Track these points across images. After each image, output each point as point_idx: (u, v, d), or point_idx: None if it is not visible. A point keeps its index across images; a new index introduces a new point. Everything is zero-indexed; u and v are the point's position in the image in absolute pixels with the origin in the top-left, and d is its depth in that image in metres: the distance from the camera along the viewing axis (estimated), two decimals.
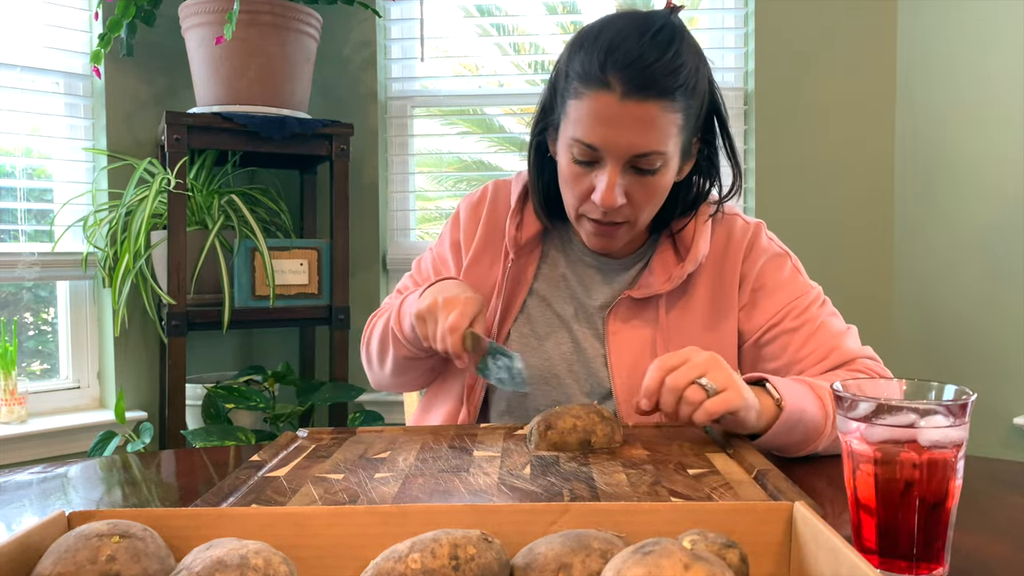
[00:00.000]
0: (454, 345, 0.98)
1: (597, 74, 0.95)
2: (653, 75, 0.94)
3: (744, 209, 2.38)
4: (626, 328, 1.10)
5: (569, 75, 1.00)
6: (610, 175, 0.98)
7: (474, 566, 0.47)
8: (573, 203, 1.05)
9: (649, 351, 1.08)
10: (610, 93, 0.95)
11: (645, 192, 1.01)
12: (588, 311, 1.14)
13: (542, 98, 1.10)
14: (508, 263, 1.14)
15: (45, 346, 2.25)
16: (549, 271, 1.17)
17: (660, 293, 1.09)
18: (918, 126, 2.26)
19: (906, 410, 0.58)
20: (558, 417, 0.89)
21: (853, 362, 1.05)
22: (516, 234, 1.14)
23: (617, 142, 0.96)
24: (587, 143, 0.98)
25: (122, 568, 0.48)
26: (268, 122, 1.99)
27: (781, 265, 1.12)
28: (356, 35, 2.41)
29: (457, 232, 1.21)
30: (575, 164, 1.01)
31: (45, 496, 0.85)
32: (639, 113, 0.95)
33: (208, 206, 2.08)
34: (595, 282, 1.15)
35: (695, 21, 2.50)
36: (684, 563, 0.42)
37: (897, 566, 0.59)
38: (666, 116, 0.96)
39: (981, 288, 2.08)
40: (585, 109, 0.97)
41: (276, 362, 2.34)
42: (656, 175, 1.00)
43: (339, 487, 0.76)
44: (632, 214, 1.03)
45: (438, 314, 1.00)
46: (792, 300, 1.09)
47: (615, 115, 0.95)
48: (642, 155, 0.97)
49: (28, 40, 2.09)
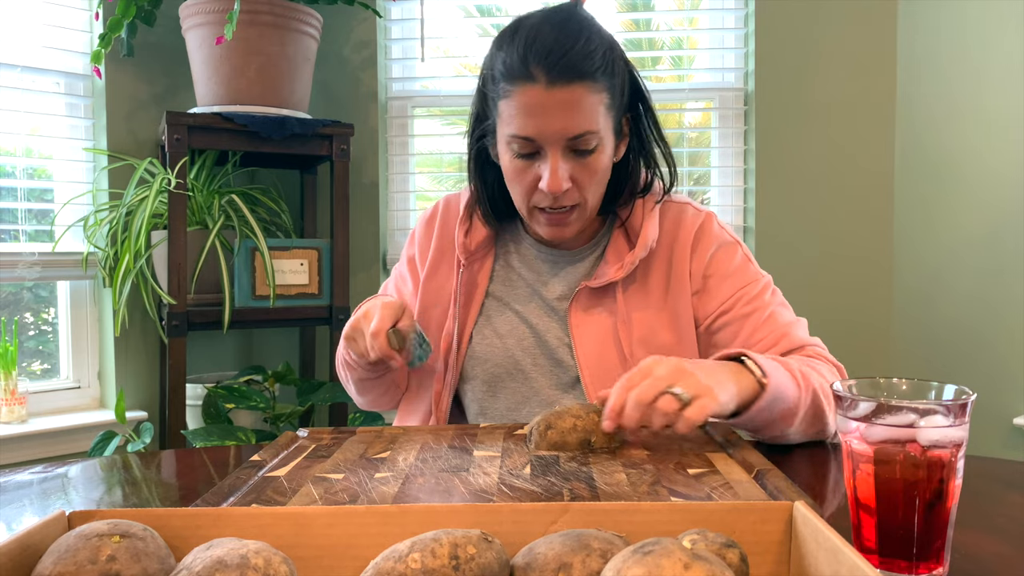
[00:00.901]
0: (381, 348, 1.03)
1: (520, 69, 1.00)
2: (572, 60, 0.99)
3: (744, 210, 2.38)
4: (588, 317, 1.13)
5: (495, 77, 1.05)
6: (552, 162, 1.02)
7: (474, 566, 0.47)
8: (522, 198, 1.08)
9: (611, 337, 1.11)
10: (535, 84, 0.99)
11: (587, 172, 1.05)
12: (547, 303, 1.17)
13: (474, 107, 1.14)
14: (460, 269, 1.18)
15: (45, 346, 2.25)
16: (503, 272, 1.20)
17: (615, 280, 1.12)
18: (918, 126, 2.26)
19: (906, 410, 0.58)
20: (558, 417, 0.89)
21: (803, 348, 1.08)
22: (465, 240, 1.18)
23: (551, 129, 1.01)
24: (524, 136, 1.02)
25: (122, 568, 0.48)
26: (268, 122, 1.99)
27: (732, 253, 1.14)
28: (356, 35, 2.41)
29: (412, 248, 1.26)
30: (517, 160, 1.05)
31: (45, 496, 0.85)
32: (566, 97, 0.99)
33: (208, 206, 2.08)
34: (550, 275, 1.18)
35: (695, 21, 2.50)
36: (684, 563, 0.42)
37: (897, 566, 0.59)
38: (592, 96, 1.01)
39: (981, 288, 2.08)
40: (515, 105, 1.02)
41: (276, 362, 2.34)
42: (594, 154, 1.04)
43: (339, 487, 0.76)
44: (580, 196, 1.07)
45: (362, 327, 1.06)
46: (742, 287, 1.12)
47: (544, 104, 1.00)
48: (577, 136, 1.01)
49: (28, 40, 2.09)
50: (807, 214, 2.33)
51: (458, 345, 1.16)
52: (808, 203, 2.34)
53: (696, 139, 2.56)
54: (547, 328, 1.15)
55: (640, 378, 0.88)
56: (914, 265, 2.28)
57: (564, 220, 1.08)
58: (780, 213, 2.33)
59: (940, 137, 2.20)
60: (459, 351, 1.17)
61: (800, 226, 2.33)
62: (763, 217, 2.32)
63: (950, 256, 2.17)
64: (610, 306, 1.13)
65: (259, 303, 2.04)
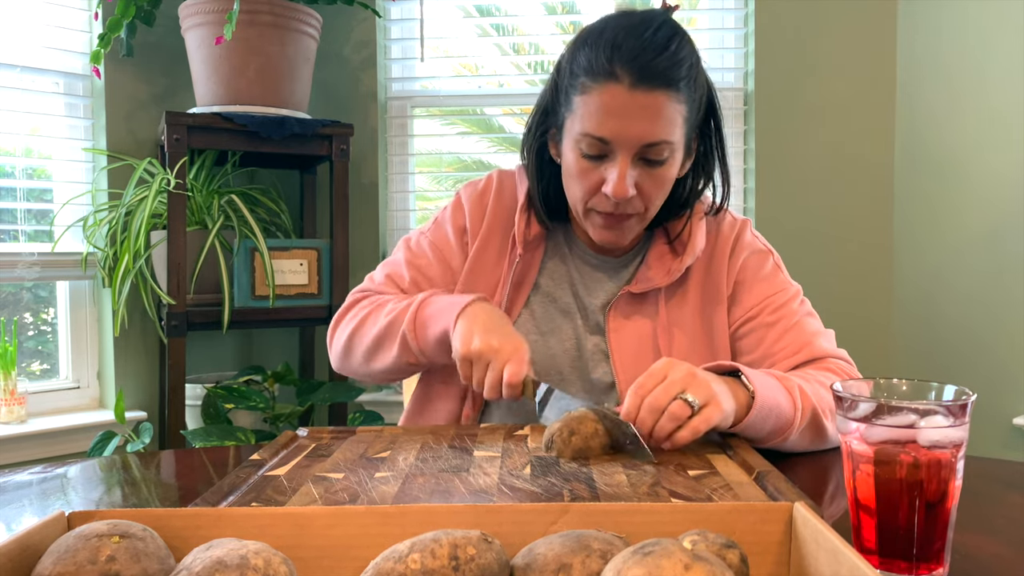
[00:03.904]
0: (512, 397, 0.97)
1: (605, 67, 0.97)
2: (659, 66, 0.96)
3: (744, 209, 2.38)
4: (626, 323, 1.11)
5: (574, 71, 1.01)
6: (621, 166, 0.99)
7: (474, 566, 0.47)
8: (581, 198, 1.05)
9: (650, 343, 1.10)
10: (618, 84, 0.97)
11: (654, 183, 1.03)
12: (588, 309, 1.15)
13: (542, 100, 1.11)
14: (516, 257, 1.14)
15: (45, 346, 2.25)
16: (553, 267, 1.18)
17: (659, 287, 1.10)
18: (918, 126, 2.26)
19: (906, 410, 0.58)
20: (580, 423, 0.86)
21: (824, 360, 1.06)
22: (526, 229, 1.14)
23: (628, 133, 0.98)
24: (597, 136, 0.99)
25: (122, 568, 0.48)
26: (268, 122, 1.99)
27: (763, 261, 1.14)
28: (356, 35, 2.41)
29: (462, 218, 1.20)
30: (584, 159, 1.02)
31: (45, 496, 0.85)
32: (648, 102, 0.97)
33: (208, 206, 2.07)
34: (595, 280, 1.16)
35: (694, 21, 2.50)
36: (684, 563, 0.42)
37: (897, 566, 0.59)
38: (672, 106, 0.99)
39: (981, 288, 2.08)
40: (594, 102, 0.98)
41: (276, 362, 2.34)
42: (664, 166, 1.02)
43: (339, 486, 0.76)
44: (641, 206, 1.04)
45: (491, 359, 0.97)
46: (770, 295, 1.11)
47: (625, 106, 0.97)
48: (652, 144, 0.99)
49: (28, 40, 2.09)
50: (807, 214, 2.33)
51: None
52: (808, 203, 2.34)
53: None
54: (584, 333, 1.14)
55: (653, 383, 0.87)
56: (914, 265, 2.28)
57: (620, 225, 1.06)
58: (780, 213, 2.33)
59: (940, 137, 2.20)
60: None
61: (800, 226, 2.33)
62: (763, 217, 2.32)
63: (950, 256, 2.17)
64: (651, 313, 1.11)
65: (259, 303, 2.04)
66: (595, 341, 1.13)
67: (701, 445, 0.91)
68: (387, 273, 1.22)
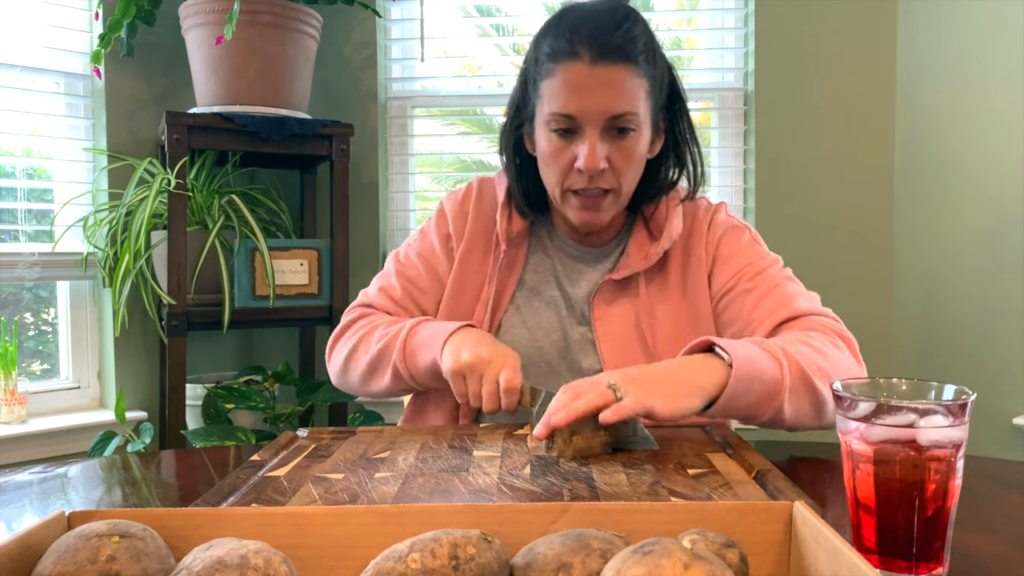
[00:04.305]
0: (511, 405, 0.99)
1: (566, 47, 1.03)
2: (616, 42, 1.02)
3: (744, 209, 2.38)
4: (610, 311, 1.14)
5: (539, 60, 1.07)
6: (590, 140, 1.04)
7: (474, 566, 0.47)
8: (557, 180, 1.09)
9: (634, 329, 1.13)
10: (580, 62, 1.02)
11: (623, 156, 1.06)
12: (573, 300, 1.17)
13: (513, 97, 1.16)
14: (500, 254, 1.18)
15: (45, 346, 2.25)
16: (537, 262, 1.21)
17: (638, 272, 1.13)
18: (918, 126, 2.26)
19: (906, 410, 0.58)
20: (580, 423, 0.86)
21: (805, 318, 1.06)
22: (508, 226, 1.18)
23: (593, 107, 1.03)
24: (565, 113, 1.04)
25: (122, 568, 0.48)
26: (268, 122, 1.99)
27: (739, 235, 1.17)
28: (356, 35, 2.41)
29: (446, 226, 1.24)
30: (556, 139, 1.06)
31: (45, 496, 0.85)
32: (609, 76, 1.02)
33: (208, 206, 2.07)
34: (578, 272, 1.19)
35: (694, 21, 2.50)
36: (684, 563, 0.42)
37: (897, 566, 0.59)
38: (633, 80, 1.03)
39: (981, 288, 2.08)
40: (559, 82, 1.04)
41: (276, 362, 2.34)
42: (631, 138, 1.06)
43: (339, 487, 0.76)
44: (615, 180, 1.07)
45: (483, 372, 1.01)
46: (746, 264, 1.13)
47: (587, 81, 1.02)
48: (617, 116, 1.03)
49: (28, 40, 2.09)
50: (807, 214, 2.33)
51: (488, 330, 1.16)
52: (808, 203, 2.34)
53: None
54: (571, 324, 1.16)
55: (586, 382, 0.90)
56: (914, 265, 2.28)
57: (597, 204, 1.08)
58: (780, 213, 2.33)
59: (940, 136, 2.20)
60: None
61: (800, 226, 2.33)
62: (763, 217, 2.32)
63: (950, 256, 2.16)
64: (633, 298, 1.14)
65: (259, 303, 2.04)
66: (581, 331, 1.15)
67: (700, 444, 0.91)
68: (380, 286, 1.26)
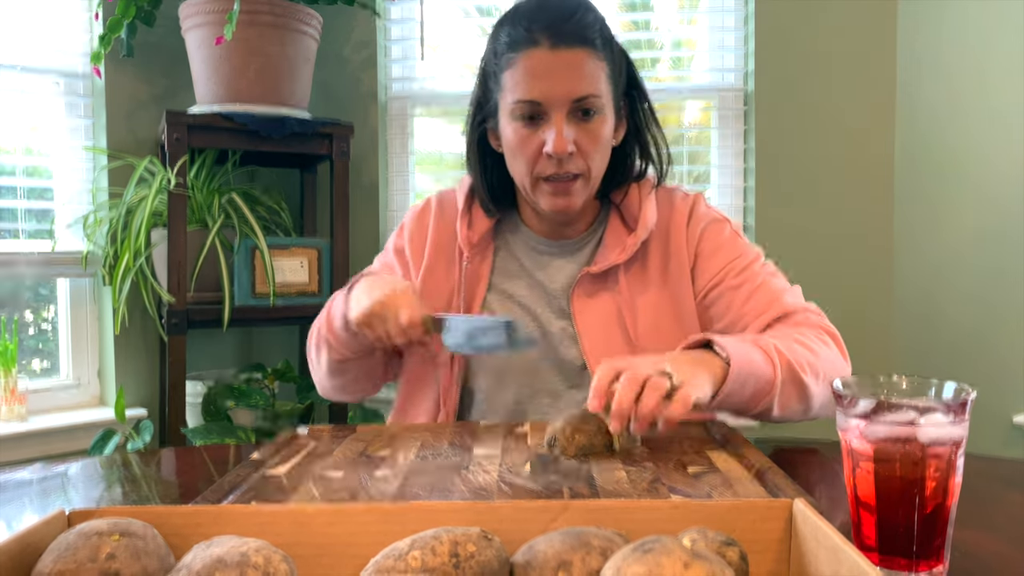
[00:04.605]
0: (418, 337, 1.02)
1: (525, 36, 1.05)
2: (573, 27, 1.04)
3: (744, 210, 2.38)
4: (591, 303, 1.14)
5: (498, 52, 1.09)
6: (557, 123, 1.04)
7: (474, 564, 0.47)
8: (526, 169, 1.09)
9: (616, 322, 1.12)
10: (540, 48, 1.04)
11: (590, 139, 1.07)
12: (550, 294, 1.17)
13: (474, 95, 1.18)
14: (464, 262, 1.18)
15: (45, 344, 2.25)
16: (504, 264, 1.20)
17: (617, 264, 1.13)
18: (918, 126, 2.26)
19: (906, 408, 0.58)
20: (583, 420, 0.87)
21: (794, 315, 1.08)
22: (468, 233, 1.18)
23: (557, 90, 1.04)
24: (529, 99, 1.05)
25: (122, 566, 0.48)
26: (268, 121, 1.99)
27: (720, 229, 1.17)
28: (356, 35, 2.41)
29: (401, 240, 1.25)
30: (521, 127, 1.07)
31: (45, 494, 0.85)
32: (569, 59, 1.04)
33: (208, 205, 2.07)
34: (551, 265, 1.18)
35: (694, 21, 2.50)
36: (684, 561, 0.42)
37: (897, 564, 0.59)
38: (593, 62, 1.05)
39: (981, 287, 2.08)
40: (521, 69, 1.05)
41: (276, 360, 2.34)
42: (597, 120, 1.07)
43: (339, 485, 0.76)
44: (584, 164, 1.08)
45: (385, 314, 1.03)
46: (732, 260, 1.13)
47: (549, 66, 1.04)
48: (581, 98, 1.04)
49: (28, 40, 2.09)
50: (807, 214, 2.33)
51: None
52: (808, 203, 2.34)
53: (696, 139, 2.55)
54: (550, 319, 1.15)
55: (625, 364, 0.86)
56: (914, 264, 2.28)
57: (568, 189, 1.08)
58: (780, 213, 2.33)
59: (940, 136, 2.20)
60: None
61: (800, 226, 2.33)
62: (763, 217, 2.32)
63: (950, 255, 2.17)
64: (612, 291, 1.14)
65: (259, 301, 2.04)
66: (561, 325, 1.15)
67: (700, 442, 0.91)
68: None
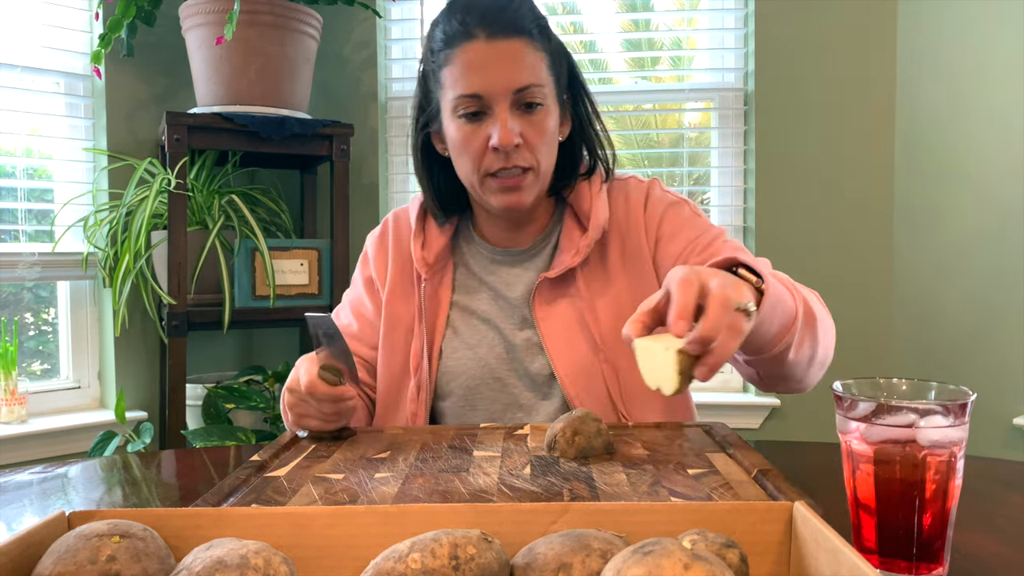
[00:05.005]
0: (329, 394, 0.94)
1: (460, 30, 1.04)
2: (508, 17, 1.03)
3: (744, 210, 2.38)
4: (552, 309, 1.12)
5: (434, 50, 1.08)
6: (500, 116, 1.03)
7: (474, 566, 0.47)
8: (473, 166, 1.07)
9: (579, 325, 1.10)
10: (476, 40, 1.03)
11: (536, 131, 1.05)
12: (511, 305, 1.15)
13: (415, 99, 1.16)
14: (422, 285, 1.16)
15: (45, 346, 2.25)
16: (464, 280, 1.19)
17: (573, 267, 1.11)
18: (918, 126, 2.26)
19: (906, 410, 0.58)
20: (582, 423, 0.86)
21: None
22: (423, 254, 1.16)
23: (497, 82, 1.03)
24: (470, 94, 1.04)
25: (122, 568, 0.48)
26: (268, 122, 1.99)
27: (679, 211, 1.14)
28: (356, 35, 2.41)
29: (368, 269, 1.23)
30: (465, 124, 1.05)
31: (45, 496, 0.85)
32: (507, 49, 1.03)
33: (208, 206, 2.08)
34: (510, 275, 1.17)
35: (694, 22, 2.50)
36: (684, 563, 0.42)
37: (897, 566, 0.59)
38: (532, 52, 1.04)
39: (981, 288, 2.08)
40: (459, 65, 1.04)
41: (276, 362, 2.34)
42: (540, 112, 1.05)
43: (339, 487, 0.76)
44: (531, 158, 1.06)
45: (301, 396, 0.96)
46: (694, 239, 1.11)
47: (487, 58, 1.03)
48: (523, 88, 1.03)
49: (28, 40, 2.09)
50: (807, 214, 2.33)
51: (429, 362, 1.14)
52: (808, 203, 2.34)
53: (696, 139, 2.55)
54: (514, 330, 1.14)
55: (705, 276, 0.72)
56: (914, 265, 2.28)
57: (518, 184, 1.06)
58: (780, 213, 2.33)
59: (940, 136, 2.20)
60: (431, 369, 1.14)
61: (800, 226, 2.33)
62: (763, 217, 2.32)
63: (950, 256, 2.17)
64: (572, 294, 1.12)
65: (259, 303, 2.04)
66: (526, 335, 1.13)
67: (701, 444, 0.91)
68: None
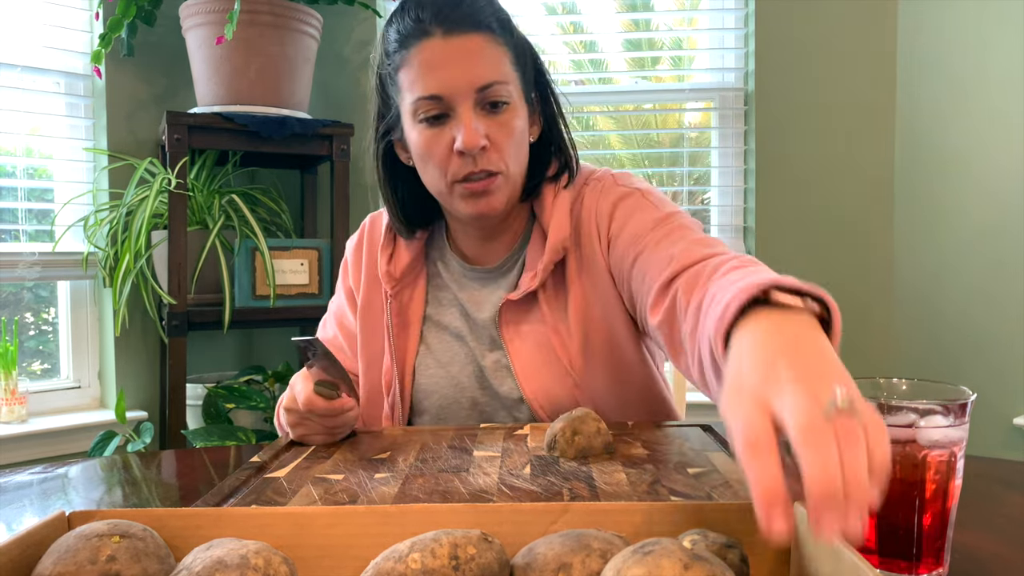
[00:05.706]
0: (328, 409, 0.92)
1: (414, 28, 0.97)
2: (466, 11, 0.97)
3: (744, 210, 2.38)
4: (520, 332, 1.07)
5: (389, 52, 1.01)
6: (465, 117, 0.97)
7: (474, 566, 0.47)
8: (439, 173, 1.01)
9: (545, 348, 1.06)
10: (432, 38, 0.96)
11: (502, 132, 0.99)
12: (480, 325, 1.11)
13: (374, 107, 1.10)
14: (388, 300, 1.11)
15: (46, 346, 2.25)
16: (437, 293, 1.14)
17: (534, 289, 1.05)
18: (918, 126, 2.26)
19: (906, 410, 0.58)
20: (581, 423, 0.86)
21: (701, 262, 0.88)
22: (389, 268, 1.11)
23: (458, 81, 0.96)
24: (430, 95, 0.97)
25: (122, 568, 0.48)
26: (268, 122, 1.99)
27: (628, 203, 1.06)
28: (356, 35, 2.41)
29: (347, 279, 1.20)
30: (427, 129, 0.99)
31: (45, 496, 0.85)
32: (466, 45, 0.97)
33: (209, 206, 2.08)
34: (480, 293, 1.12)
35: (695, 22, 2.50)
36: (684, 563, 0.42)
37: (897, 566, 0.59)
38: (493, 48, 0.98)
39: (981, 287, 2.08)
40: (416, 65, 0.97)
41: (276, 362, 2.34)
42: (507, 111, 0.99)
43: (339, 487, 0.76)
44: (500, 161, 1.00)
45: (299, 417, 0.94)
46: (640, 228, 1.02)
47: (445, 55, 0.96)
48: (486, 86, 0.97)
49: (28, 40, 2.09)
50: (807, 214, 2.33)
51: (400, 379, 1.11)
52: (808, 203, 2.34)
53: (696, 139, 2.56)
54: (484, 351, 1.10)
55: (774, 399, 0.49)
56: (914, 265, 2.28)
57: (487, 188, 1.00)
58: (780, 213, 2.33)
59: (940, 136, 2.20)
60: (403, 385, 1.11)
61: (800, 226, 2.33)
62: (763, 217, 2.32)
63: (950, 256, 2.17)
64: (538, 318, 1.07)
65: (259, 303, 2.04)
66: (495, 357, 1.09)
67: (701, 443, 0.91)
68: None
